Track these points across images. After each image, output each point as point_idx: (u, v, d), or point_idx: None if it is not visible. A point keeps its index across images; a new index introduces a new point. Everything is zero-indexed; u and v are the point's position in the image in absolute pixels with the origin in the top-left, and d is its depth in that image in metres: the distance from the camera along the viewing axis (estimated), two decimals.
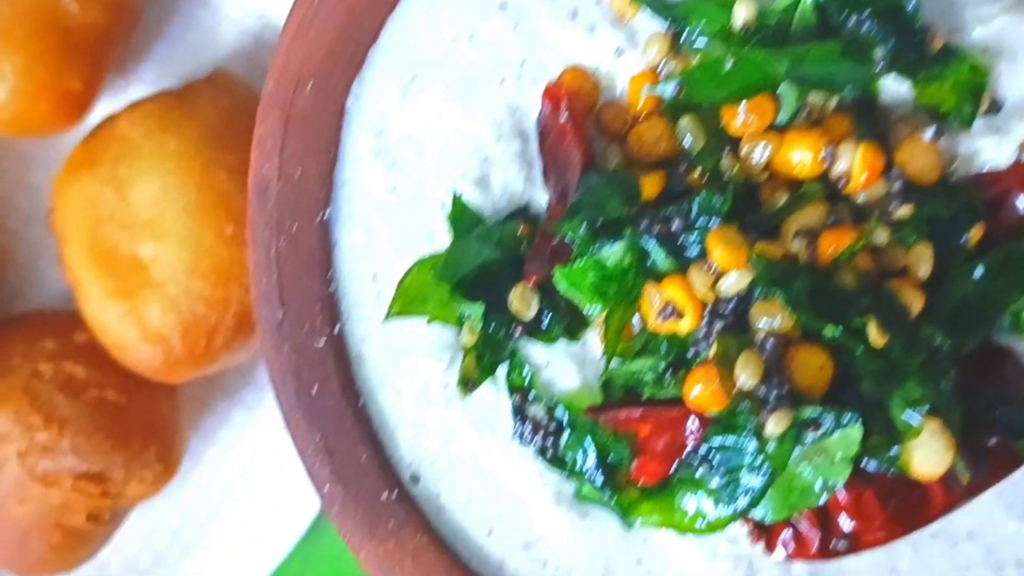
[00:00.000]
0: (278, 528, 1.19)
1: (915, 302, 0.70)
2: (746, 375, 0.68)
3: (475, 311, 0.74)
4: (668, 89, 0.73)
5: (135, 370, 1.05)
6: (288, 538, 1.19)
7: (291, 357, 0.77)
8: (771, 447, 0.69)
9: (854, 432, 0.68)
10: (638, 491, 0.77)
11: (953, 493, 0.72)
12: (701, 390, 0.70)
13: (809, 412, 0.69)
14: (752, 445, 0.71)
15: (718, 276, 0.70)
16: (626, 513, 0.77)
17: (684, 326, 0.71)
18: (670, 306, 0.71)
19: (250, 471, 1.20)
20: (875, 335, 0.68)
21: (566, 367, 0.78)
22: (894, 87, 0.74)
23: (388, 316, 0.75)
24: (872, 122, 0.74)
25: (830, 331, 0.68)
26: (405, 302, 0.75)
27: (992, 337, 0.76)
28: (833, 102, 0.74)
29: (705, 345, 0.70)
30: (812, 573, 0.78)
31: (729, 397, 0.69)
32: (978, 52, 0.73)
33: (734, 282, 0.69)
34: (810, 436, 0.69)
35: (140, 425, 1.11)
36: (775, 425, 0.68)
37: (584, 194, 0.72)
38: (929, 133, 0.72)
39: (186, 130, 1.03)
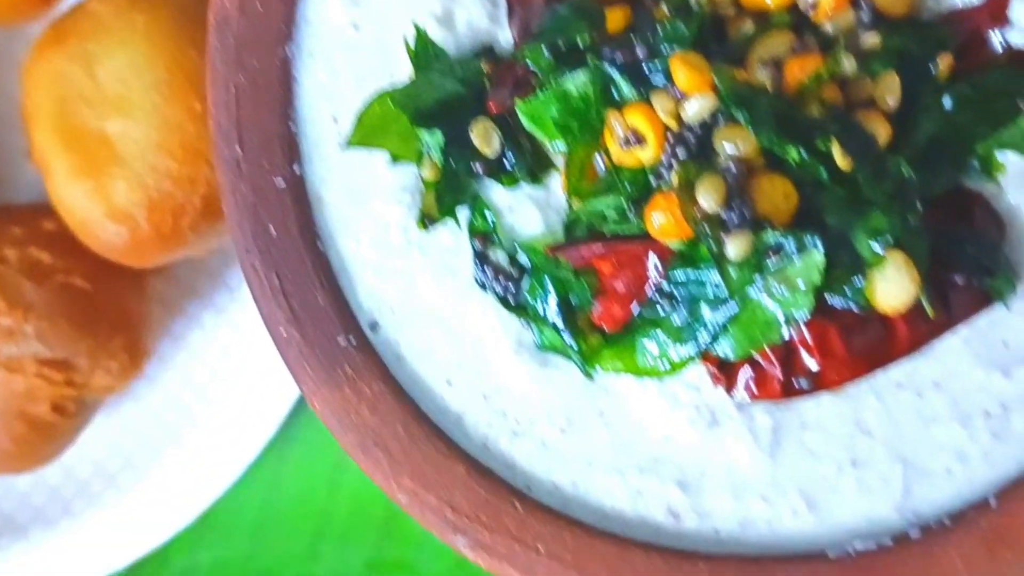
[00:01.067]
0: (248, 431, 1.17)
1: (882, 132, 0.69)
2: (707, 199, 0.67)
3: (434, 141, 0.72)
4: None
5: (101, 251, 1.04)
6: (258, 441, 1.17)
7: (248, 196, 0.76)
8: (732, 273, 0.68)
9: (816, 258, 0.67)
10: (599, 338, 0.75)
11: (918, 330, 0.71)
12: (663, 219, 0.69)
13: (771, 237, 0.67)
14: (714, 278, 0.70)
15: (681, 101, 0.69)
16: (587, 362, 0.75)
17: (647, 154, 0.69)
18: (633, 133, 0.69)
19: (220, 374, 1.18)
20: (839, 157, 0.66)
21: (529, 212, 0.76)
22: None
23: (348, 144, 0.74)
24: None
25: (793, 153, 0.67)
26: (365, 133, 0.74)
27: (962, 181, 0.74)
28: None
29: (668, 173, 0.69)
30: (776, 427, 0.77)
31: (691, 223, 0.67)
32: None
33: (698, 107, 0.68)
34: (772, 263, 0.68)
35: (107, 314, 1.09)
36: (735, 248, 0.67)
37: (547, 21, 0.71)
38: None
39: (156, 7, 1.02)
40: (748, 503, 0.77)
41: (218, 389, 1.19)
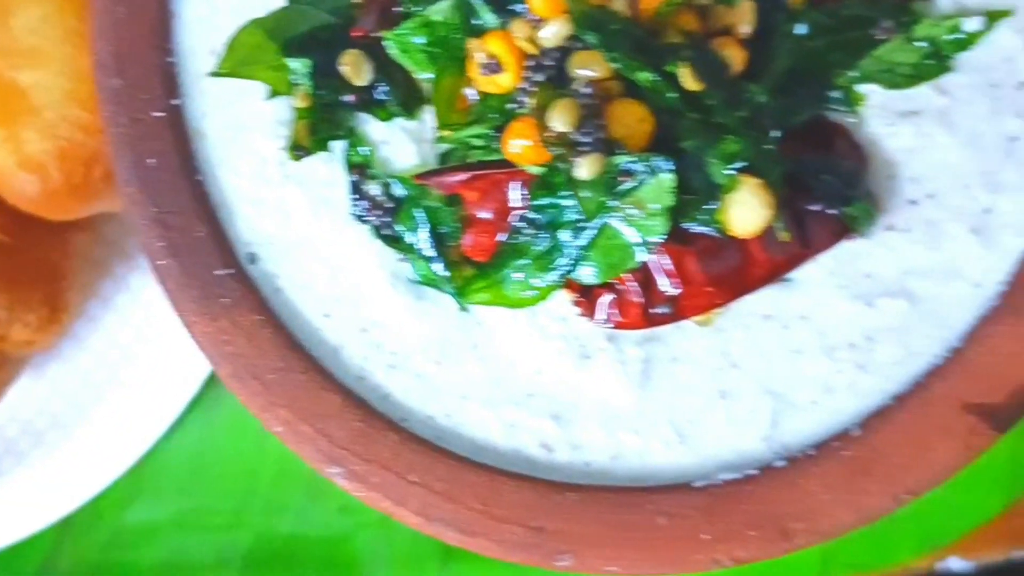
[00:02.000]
0: (173, 390, 1.18)
1: (737, 58, 0.70)
2: (560, 120, 0.68)
3: (302, 68, 0.73)
4: None
5: (15, 202, 1.05)
6: (182, 400, 1.18)
7: (128, 127, 0.77)
8: (586, 196, 0.69)
9: (666, 180, 0.68)
10: (472, 270, 0.76)
11: (776, 258, 0.72)
12: (521, 144, 0.70)
13: (622, 160, 0.68)
14: (573, 203, 0.71)
15: (538, 27, 0.70)
16: (460, 294, 0.76)
17: (505, 80, 0.70)
18: (493, 60, 0.70)
19: (146, 335, 1.19)
20: (687, 79, 0.67)
21: (404, 145, 0.78)
22: None
23: (216, 72, 0.75)
24: None
25: (644, 76, 0.68)
26: (235, 62, 0.75)
27: (824, 112, 0.75)
28: None
29: (526, 99, 0.70)
30: (646, 359, 0.77)
31: (546, 146, 0.68)
32: None
33: (553, 31, 0.69)
34: (626, 186, 0.69)
35: (26, 268, 1.10)
36: (586, 169, 0.68)
37: None
38: None
39: None
40: (619, 435, 0.77)
41: (144, 350, 1.19)
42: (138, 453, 1.20)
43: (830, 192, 0.72)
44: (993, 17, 0.73)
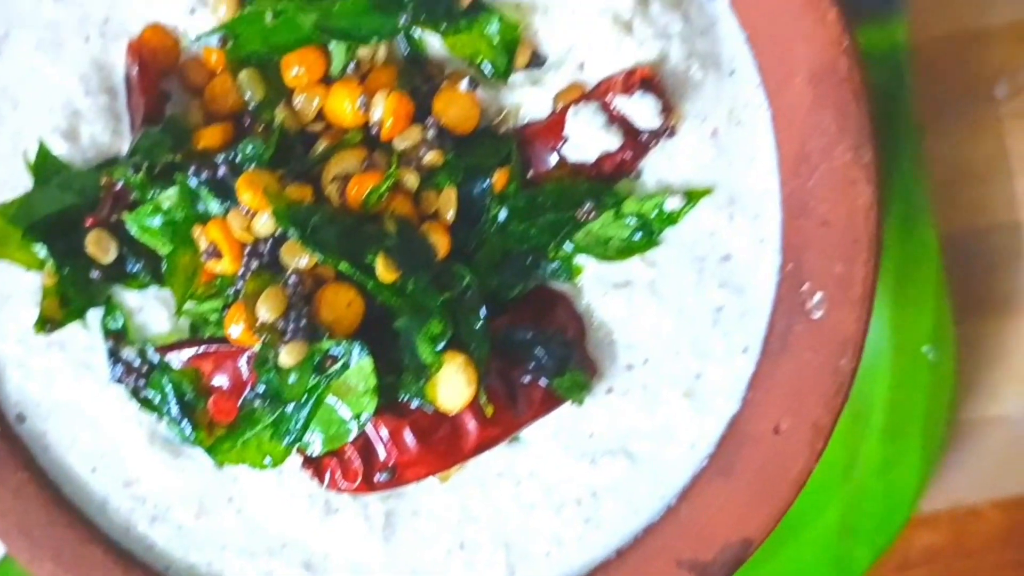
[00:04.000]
0: None
1: (441, 243, 0.74)
2: (265, 309, 0.72)
3: (41, 252, 0.77)
4: (213, 40, 0.77)
5: None
6: None
7: None
8: (291, 379, 0.73)
9: (365, 365, 0.72)
10: (223, 430, 0.80)
11: (488, 429, 0.75)
12: (237, 327, 0.74)
13: (326, 345, 0.72)
14: (293, 380, 0.75)
15: (253, 218, 0.74)
16: (212, 453, 0.80)
17: (224, 266, 0.74)
18: (213, 246, 0.74)
19: None
20: (382, 270, 0.71)
21: (158, 312, 0.82)
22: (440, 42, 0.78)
23: None
24: (422, 75, 0.78)
25: (344, 267, 0.72)
26: None
27: (547, 284, 0.79)
28: (382, 55, 0.77)
29: (243, 284, 0.74)
30: (389, 514, 0.82)
31: (255, 332, 0.72)
32: (511, 7, 0.77)
33: (265, 223, 0.73)
34: (332, 369, 0.73)
35: None
36: (287, 356, 0.71)
37: (138, 141, 0.76)
38: (463, 84, 0.76)
39: None
40: None
41: None
42: None
43: (542, 364, 0.76)
44: (693, 196, 0.77)
